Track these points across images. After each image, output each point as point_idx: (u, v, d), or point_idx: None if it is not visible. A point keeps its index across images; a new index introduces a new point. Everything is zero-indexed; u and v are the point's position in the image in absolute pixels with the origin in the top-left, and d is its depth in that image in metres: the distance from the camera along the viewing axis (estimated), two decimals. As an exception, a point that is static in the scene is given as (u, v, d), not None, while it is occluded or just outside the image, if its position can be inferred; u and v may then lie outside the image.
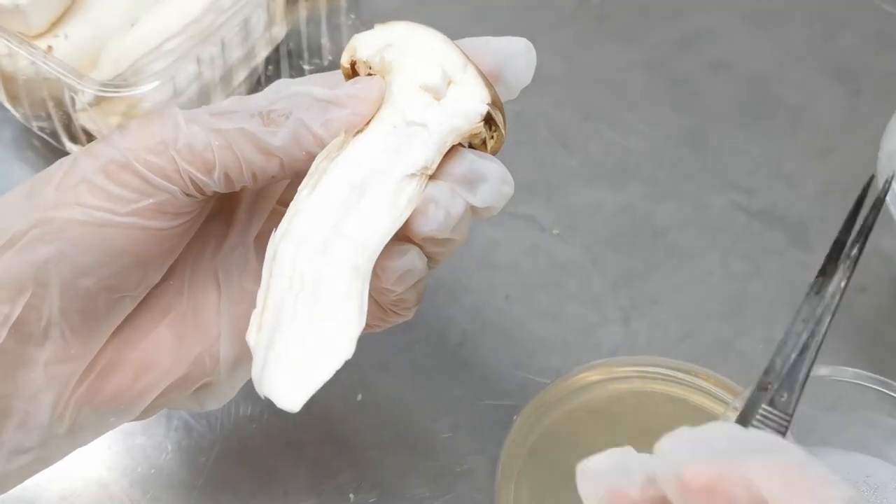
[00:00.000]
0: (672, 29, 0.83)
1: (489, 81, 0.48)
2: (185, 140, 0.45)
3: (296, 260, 0.45)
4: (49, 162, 0.74)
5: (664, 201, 0.73)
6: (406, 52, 0.48)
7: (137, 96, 0.66)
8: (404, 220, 0.46)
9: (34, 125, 0.73)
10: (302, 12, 0.75)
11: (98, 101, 0.67)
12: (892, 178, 0.59)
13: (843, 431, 0.61)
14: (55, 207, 0.46)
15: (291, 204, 0.46)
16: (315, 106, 0.46)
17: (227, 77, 0.70)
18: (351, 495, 0.61)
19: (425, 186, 0.46)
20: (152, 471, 0.61)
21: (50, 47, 0.68)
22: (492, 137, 0.48)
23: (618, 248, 0.71)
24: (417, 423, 0.64)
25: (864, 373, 0.62)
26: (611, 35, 0.83)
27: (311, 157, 0.46)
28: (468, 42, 0.49)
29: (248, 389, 0.64)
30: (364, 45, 0.49)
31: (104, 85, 0.65)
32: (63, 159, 0.47)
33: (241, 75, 0.72)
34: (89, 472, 0.61)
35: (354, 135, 0.47)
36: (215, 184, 0.46)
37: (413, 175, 0.46)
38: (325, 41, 0.78)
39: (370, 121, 0.47)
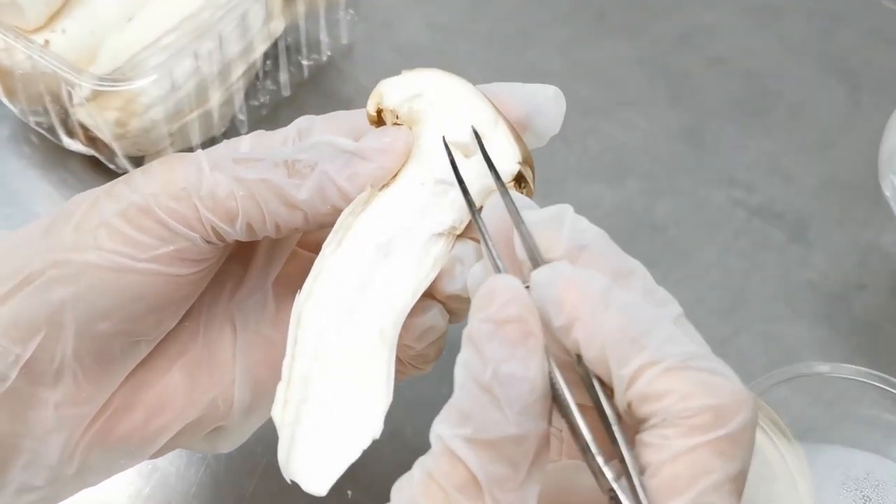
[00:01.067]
0: (670, 25, 0.83)
1: (519, 136, 0.46)
2: (209, 188, 0.44)
3: (321, 326, 0.44)
4: (46, 158, 0.74)
5: (662, 197, 0.73)
6: (435, 103, 0.46)
7: (135, 91, 0.66)
8: (430, 280, 0.44)
9: (31, 120, 0.73)
10: (300, 7, 0.75)
11: (95, 96, 0.67)
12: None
13: (844, 429, 0.61)
14: (73, 249, 0.45)
15: (316, 262, 0.45)
16: (340, 158, 0.45)
17: (224, 72, 0.70)
18: (349, 492, 0.61)
19: (452, 246, 0.45)
20: (149, 466, 0.61)
21: (47, 42, 0.68)
22: (521, 193, 0.46)
23: (616, 244, 0.71)
24: (414, 420, 0.63)
25: (864, 369, 0.62)
26: (609, 31, 0.82)
27: (337, 212, 0.44)
28: (496, 88, 0.47)
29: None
30: (391, 93, 0.47)
31: (101, 79, 0.64)
32: (82, 196, 0.46)
33: (238, 70, 0.72)
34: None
35: (381, 189, 0.45)
36: (237, 233, 0.45)
37: (440, 234, 0.45)
38: (323, 36, 0.78)
39: (397, 175, 0.45)
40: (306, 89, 0.78)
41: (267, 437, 0.62)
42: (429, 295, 0.45)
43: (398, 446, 0.62)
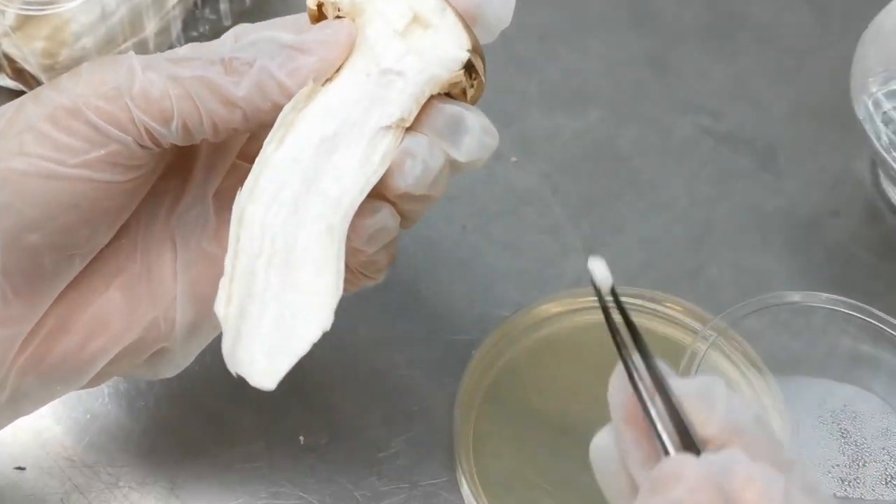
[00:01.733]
0: (631, -53, 0.79)
1: (468, 25, 0.44)
2: (141, 87, 0.42)
3: (265, 222, 0.42)
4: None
5: (626, 126, 0.70)
6: None
7: (63, 18, 0.62)
8: (379, 175, 0.43)
9: (-46, 54, 0.68)
10: (241, -70, 0.71)
11: (21, 24, 0.62)
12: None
13: (819, 360, 0.58)
14: None
15: (257, 160, 0.43)
16: (281, 53, 0.43)
17: (159, -1, 0.66)
18: (301, 437, 0.57)
19: (401, 139, 0.43)
20: (88, 416, 0.58)
21: (-33, -33, 0.63)
22: (472, 86, 0.45)
23: (578, 175, 0.68)
24: (370, 361, 0.60)
25: (839, 297, 0.59)
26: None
27: (277, 109, 0.43)
28: None
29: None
30: None
31: (27, 3, 0.60)
32: (6, 105, 0.44)
33: (175, -3, 0.67)
34: (21, 419, 0.57)
35: (324, 84, 0.43)
36: (172, 135, 0.43)
37: (388, 127, 0.43)
38: (265, -39, 0.74)
39: (341, 68, 0.44)
40: (249, 19, 0.74)
41: (213, 383, 0.59)
42: (378, 195, 0.43)
43: (352, 390, 0.59)
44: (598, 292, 0.45)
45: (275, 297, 0.42)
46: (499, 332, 0.60)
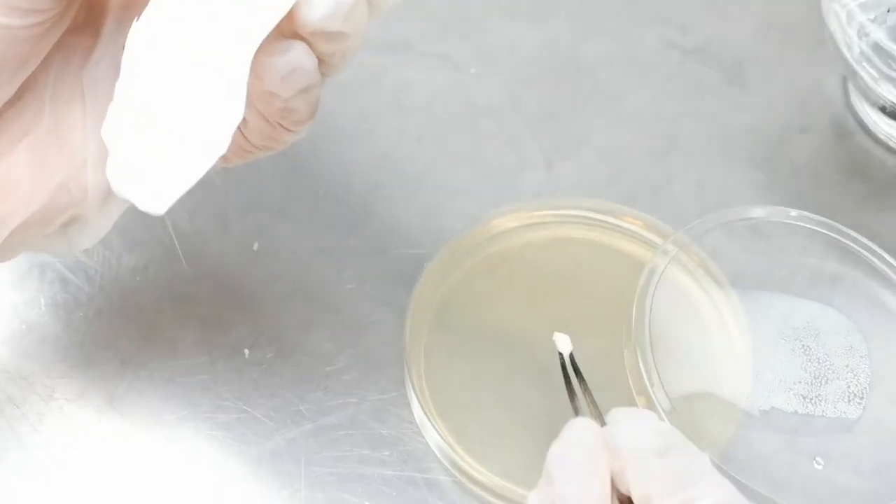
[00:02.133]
0: None
1: None
2: None
3: (161, 46, 0.39)
4: None
5: (590, 37, 0.67)
6: None
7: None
8: (289, 5, 0.39)
9: None
10: None
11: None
12: None
13: (783, 277, 0.57)
14: None
15: None
16: None
17: None
18: (246, 351, 0.55)
19: None
20: (23, 327, 0.55)
21: None
22: None
23: (540, 87, 0.66)
24: (319, 273, 0.58)
25: (803, 213, 0.57)
26: None
27: None
28: None
29: (133, 237, 0.58)
30: None
31: None
32: None
33: None
34: (-48, 331, 0.55)
35: None
36: None
37: None
38: None
39: None
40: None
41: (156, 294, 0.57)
42: (291, 33, 0.40)
43: (299, 303, 0.57)
44: (562, 362, 0.51)
45: (168, 120, 0.39)
46: (453, 246, 0.58)
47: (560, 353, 0.51)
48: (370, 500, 0.52)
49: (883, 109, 0.62)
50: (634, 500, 0.38)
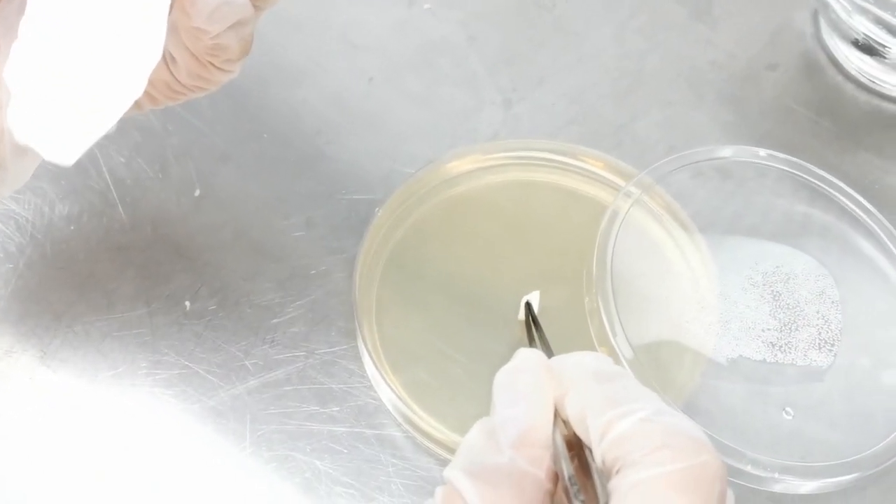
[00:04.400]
0: None
1: None
2: None
3: None
4: None
5: (551, -29, 0.64)
6: None
7: None
8: None
9: None
10: None
11: None
12: None
13: (755, 219, 0.54)
14: None
15: None
16: None
17: None
18: (187, 303, 0.52)
19: None
20: (-51, 280, 0.52)
21: None
22: None
23: (498, 23, 0.62)
24: (265, 220, 0.55)
25: (774, 153, 0.55)
26: None
27: None
28: None
29: (67, 184, 0.55)
30: None
31: None
32: None
33: None
34: None
35: None
36: None
37: None
38: None
39: None
40: None
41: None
42: None
43: (244, 252, 0.54)
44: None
45: (77, 62, 0.36)
46: (406, 190, 0.55)
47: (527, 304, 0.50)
48: (319, 457, 0.49)
49: (855, 43, 0.59)
50: (570, 421, 0.38)
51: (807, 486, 0.48)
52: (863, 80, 0.61)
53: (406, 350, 0.51)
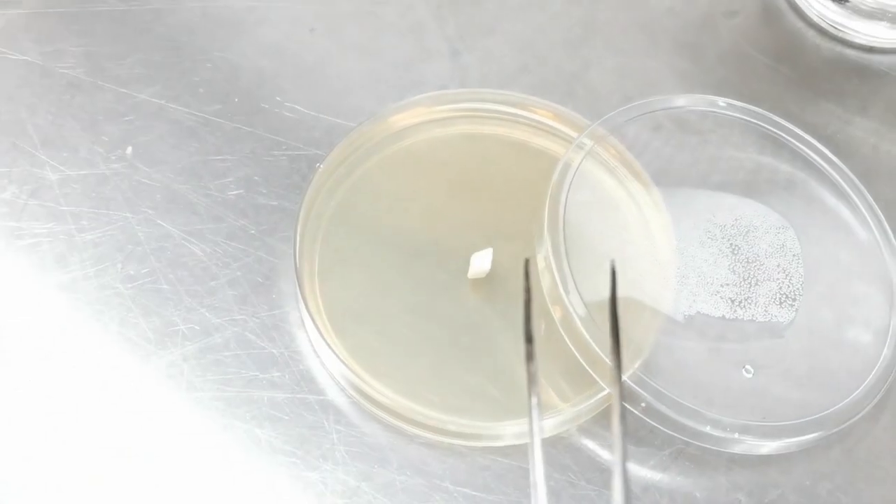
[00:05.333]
0: None
1: None
2: None
3: None
4: None
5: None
6: None
7: None
8: None
9: None
10: None
11: None
12: None
13: (712, 170, 0.52)
14: None
15: None
16: None
17: None
18: (119, 266, 0.49)
19: None
20: None
21: None
22: None
23: (445, -30, 0.60)
24: (201, 179, 0.52)
25: (734, 102, 0.53)
26: None
27: None
28: None
29: (-11, 145, 0.52)
30: None
31: None
32: None
33: None
34: None
35: None
36: None
37: None
38: None
39: None
40: None
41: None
42: None
43: (177, 211, 0.52)
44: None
45: None
46: (349, 145, 0.52)
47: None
48: (260, 425, 0.47)
49: (816, -13, 0.57)
50: None
51: (768, 447, 0.46)
52: (824, 26, 0.59)
53: (350, 312, 0.49)
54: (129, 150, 0.53)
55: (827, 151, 0.53)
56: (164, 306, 0.49)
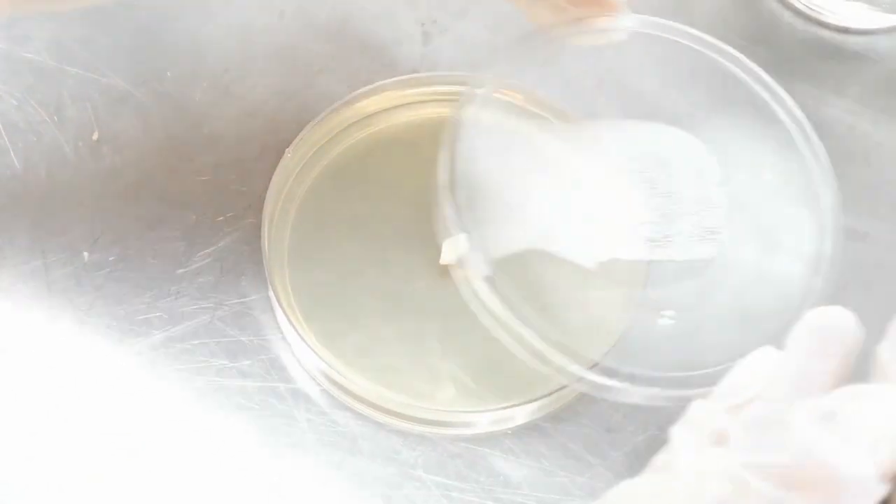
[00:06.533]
0: None
1: None
2: None
3: None
4: None
5: None
6: None
7: None
8: None
9: None
10: None
11: None
12: None
13: (623, 98, 0.50)
14: None
15: None
16: None
17: None
18: (85, 254, 0.49)
19: None
20: None
21: None
22: None
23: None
24: (168, 165, 0.52)
25: (649, 18, 0.49)
26: None
27: None
28: None
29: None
30: None
31: None
32: None
33: None
34: None
35: None
36: None
37: None
38: None
39: None
40: None
41: None
42: None
43: (146, 198, 0.51)
44: None
45: None
46: (319, 130, 0.51)
47: None
48: (229, 414, 0.46)
49: (791, -33, 0.57)
50: None
51: (698, 395, 0.43)
52: (800, 6, 0.59)
53: (320, 299, 0.48)
54: (96, 135, 0.52)
55: (751, 63, 0.49)
56: (132, 295, 0.48)
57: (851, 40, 0.59)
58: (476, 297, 0.43)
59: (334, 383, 0.47)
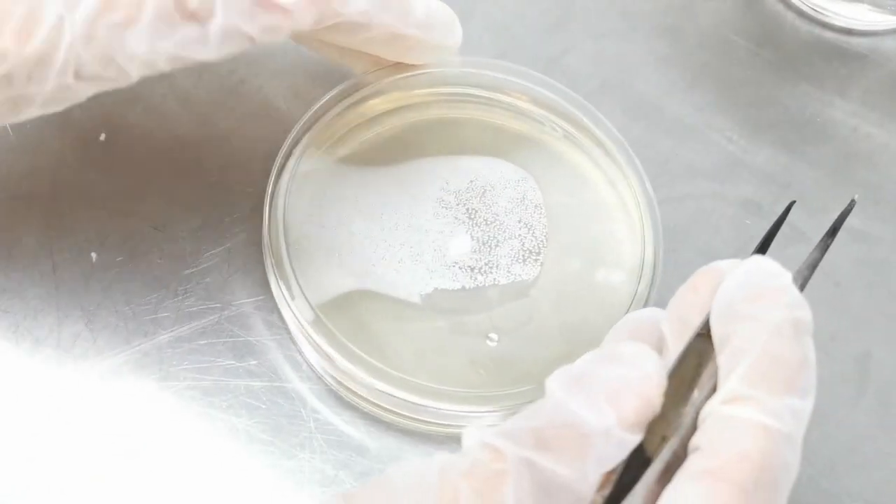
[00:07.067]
0: None
1: None
2: None
3: None
4: None
5: None
6: None
7: None
8: None
9: None
10: None
11: None
12: None
13: (442, 136, 0.52)
14: None
15: None
16: None
17: None
18: (93, 254, 0.49)
19: None
20: None
21: None
22: None
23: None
24: (175, 164, 0.52)
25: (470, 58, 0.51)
26: None
27: None
28: None
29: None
30: None
31: None
32: None
33: None
34: None
35: None
36: None
37: None
38: None
39: None
40: None
41: None
42: None
43: (154, 199, 0.51)
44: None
45: None
46: (324, 130, 0.51)
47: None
48: (236, 414, 0.47)
49: (795, -31, 0.57)
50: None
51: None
52: (804, 8, 0.59)
53: (327, 299, 0.48)
54: (103, 136, 0.52)
55: (553, 82, 0.52)
56: (140, 295, 0.49)
57: (855, 42, 0.59)
58: (305, 339, 0.47)
59: (340, 383, 0.47)
